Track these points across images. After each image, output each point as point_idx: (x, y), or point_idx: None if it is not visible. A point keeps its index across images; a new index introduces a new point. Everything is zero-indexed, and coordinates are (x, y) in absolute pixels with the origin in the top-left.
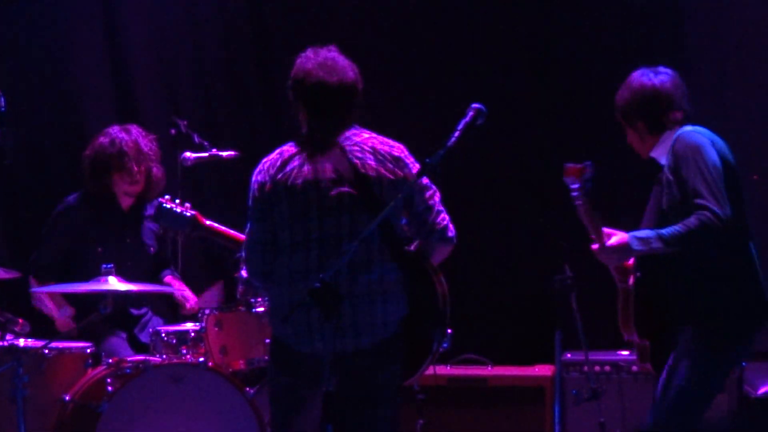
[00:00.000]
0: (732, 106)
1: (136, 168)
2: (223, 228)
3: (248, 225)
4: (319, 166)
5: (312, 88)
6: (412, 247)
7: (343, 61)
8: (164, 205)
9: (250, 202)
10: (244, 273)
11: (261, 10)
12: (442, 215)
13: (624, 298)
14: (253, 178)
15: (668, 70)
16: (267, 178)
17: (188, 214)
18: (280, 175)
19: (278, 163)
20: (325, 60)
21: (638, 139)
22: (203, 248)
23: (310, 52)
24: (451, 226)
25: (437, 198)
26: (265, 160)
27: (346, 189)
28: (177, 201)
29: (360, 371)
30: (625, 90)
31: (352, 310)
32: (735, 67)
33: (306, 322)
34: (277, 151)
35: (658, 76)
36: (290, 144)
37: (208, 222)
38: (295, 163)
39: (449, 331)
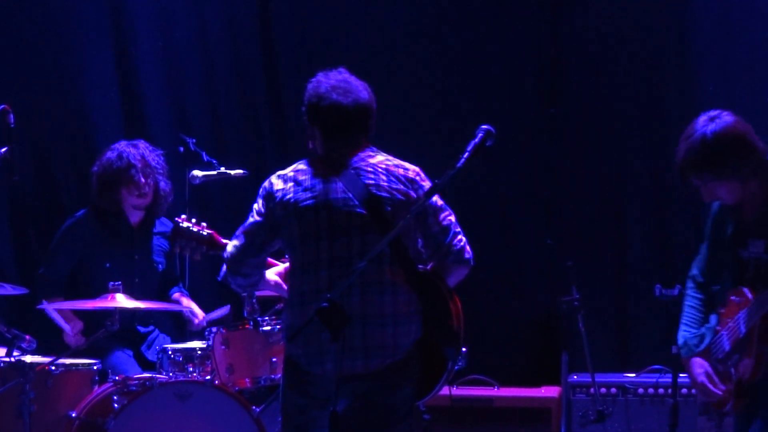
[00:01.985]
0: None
1: (143, 180)
2: None
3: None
4: (332, 186)
5: (327, 109)
6: (428, 268)
7: (356, 81)
8: (181, 224)
9: (262, 202)
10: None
11: (270, 30)
12: (459, 237)
13: None
14: (267, 185)
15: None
16: (279, 193)
17: (205, 233)
18: (291, 194)
19: (291, 180)
20: (338, 82)
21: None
22: (212, 265)
23: (321, 76)
24: (467, 247)
25: (453, 219)
26: (279, 173)
27: (357, 210)
28: (193, 220)
29: (371, 393)
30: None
31: (362, 331)
32: (743, 88)
33: (317, 342)
34: (291, 168)
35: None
36: (304, 162)
37: (224, 240)
38: (308, 183)
39: (464, 350)
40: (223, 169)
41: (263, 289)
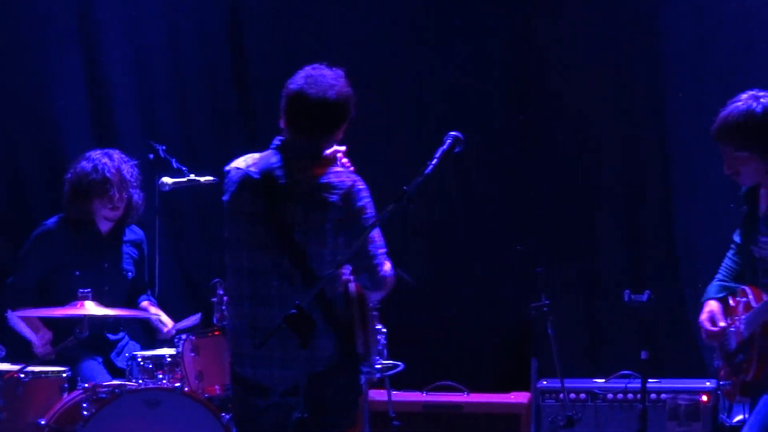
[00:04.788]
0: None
1: (117, 195)
2: None
3: None
4: (269, 194)
5: (291, 97)
6: (352, 286)
7: (331, 78)
8: None
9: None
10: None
11: (240, 37)
12: (377, 253)
13: None
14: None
15: None
16: (228, 191)
17: None
18: (236, 196)
19: (241, 176)
20: (313, 74)
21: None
22: (181, 274)
23: (305, 68)
24: (385, 264)
25: (376, 235)
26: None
27: (281, 220)
28: None
29: (295, 404)
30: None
31: (278, 342)
32: (714, 95)
33: (246, 345)
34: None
35: None
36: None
37: None
38: (252, 183)
39: (401, 366)
40: (192, 176)
41: None
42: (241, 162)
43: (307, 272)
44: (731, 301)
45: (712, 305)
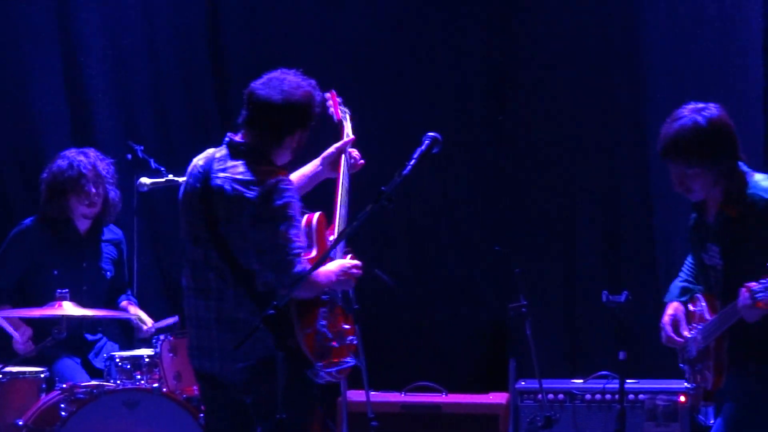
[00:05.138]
0: None
1: (94, 190)
2: None
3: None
4: (201, 190)
5: (246, 93)
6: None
7: (288, 84)
8: None
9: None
10: None
11: (219, 37)
12: (291, 253)
13: None
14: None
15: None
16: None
17: None
18: (182, 190)
19: (189, 170)
20: (275, 76)
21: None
22: (160, 274)
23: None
24: (299, 264)
25: (294, 235)
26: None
27: (209, 214)
28: None
29: (230, 394)
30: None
31: (207, 333)
32: (693, 97)
33: (193, 336)
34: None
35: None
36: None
37: None
38: (193, 177)
39: (351, 362)
40: (171, 177)
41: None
42: (201, 156)
43: (235, 266)
44: (690, 307)
45: (676, 308)
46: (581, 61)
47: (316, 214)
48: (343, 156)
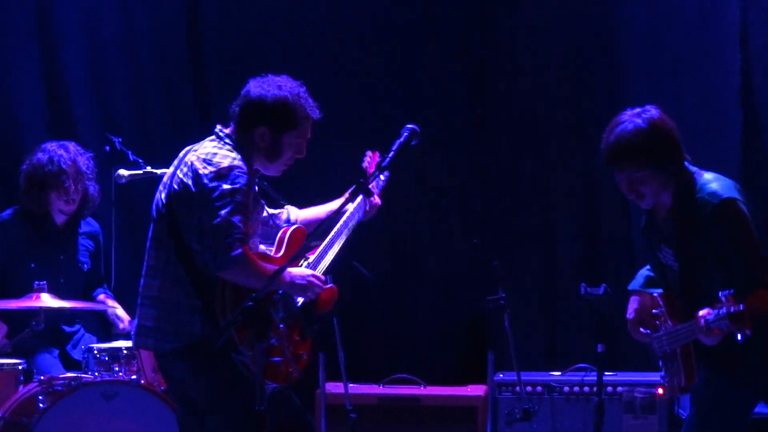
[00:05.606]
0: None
1: (73, 187)
2: None
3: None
4: (173, 169)
5: None
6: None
7: (271, 84)
8: None
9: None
10: None
11: (198, 30)
12: (232, 237)
13: None
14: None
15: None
16: None
17: None
18: None
19: None
20: (269, 77)
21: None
22: (137, 266)
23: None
24: (237, 249)
25: (234, 216)
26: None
27: (168, 191)
28: None
29: (167, 371)
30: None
31: (146, 311)
32: (669, 89)
33: (138, 315)
34: None
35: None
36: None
37: None
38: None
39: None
40: (149, 169)
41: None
42: None
43: (180, 243)
44: (653, 303)
45: (640, 300)
46: (559, 55)
47: (294, 227)
48: (359, 200)
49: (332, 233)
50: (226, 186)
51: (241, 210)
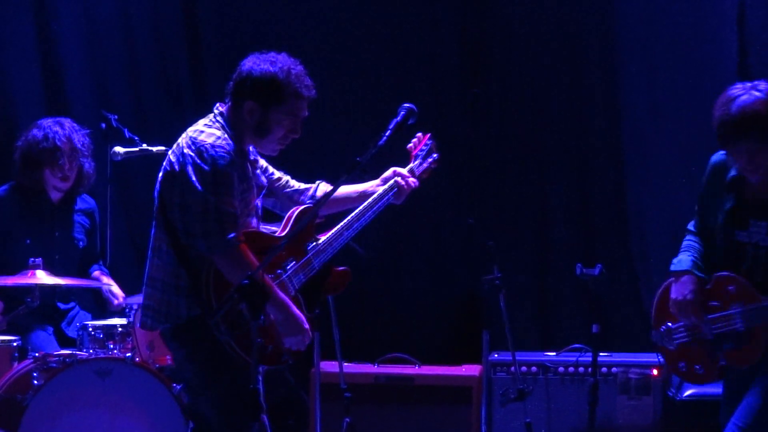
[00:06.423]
0: (662, 107)
1: (68, 165)
2: None
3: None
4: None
5: None
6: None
7: (265, 59)
8: None
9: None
10: None
11: (194, 7)
12: (221, 222)
13: None
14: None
15: None
16: None
17: None
18: None
19: None
20: (268, 53)
21: None
22: (133, 243)
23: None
24: (224, 233)
25: (227, 204)
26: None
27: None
28: None
29: (171, 352)
30: None
31: (144, 290)
32: (665, 70)
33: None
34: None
35: None
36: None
37: None
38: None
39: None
40: (144, 146)
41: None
42: None
43: (168, 223)
44: (710, 285)
45: (694, 281)
46: (555, 37)
47: (303, 207)
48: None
49: (350, 216)
50: (206, 167)
51: (227, 191)
